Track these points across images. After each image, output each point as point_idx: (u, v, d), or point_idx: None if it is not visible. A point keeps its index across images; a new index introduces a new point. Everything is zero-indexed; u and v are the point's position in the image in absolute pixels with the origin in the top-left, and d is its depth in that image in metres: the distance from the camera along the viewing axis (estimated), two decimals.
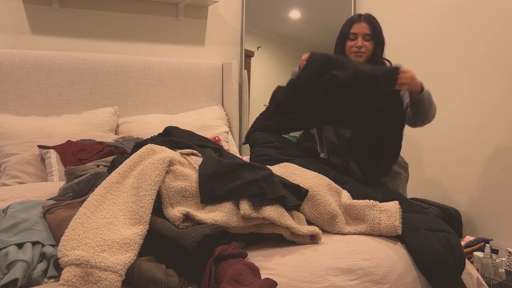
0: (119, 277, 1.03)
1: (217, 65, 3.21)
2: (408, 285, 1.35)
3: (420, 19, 3.06)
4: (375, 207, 1.52)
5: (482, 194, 2.67)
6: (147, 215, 1.18)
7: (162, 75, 2.99)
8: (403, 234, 1.46)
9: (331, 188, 1.61)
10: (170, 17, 3.13)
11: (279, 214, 1.32)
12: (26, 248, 1.16)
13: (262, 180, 1.38)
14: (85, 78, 2.75)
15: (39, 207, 1.43)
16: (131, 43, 3.01)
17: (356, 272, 1.29)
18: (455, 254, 1.39)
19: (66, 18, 2.82)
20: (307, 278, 1.21)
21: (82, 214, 1.17)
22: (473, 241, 2.43)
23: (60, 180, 2.10)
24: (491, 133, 2.62)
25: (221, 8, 3.29)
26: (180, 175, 1.33)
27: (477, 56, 2.69)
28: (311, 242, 1.40)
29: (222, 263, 1.16)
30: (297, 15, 3.47)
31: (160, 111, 3.00)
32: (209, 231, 1.17)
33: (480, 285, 1.48)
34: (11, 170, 2.14)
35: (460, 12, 2.79)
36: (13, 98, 2.57)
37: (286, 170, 1.68)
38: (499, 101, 2.57)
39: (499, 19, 2.57)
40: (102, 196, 1.25)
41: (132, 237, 1.12)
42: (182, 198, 1.30)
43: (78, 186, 1.63)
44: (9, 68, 2.54)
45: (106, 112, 2.72)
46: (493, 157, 2.61)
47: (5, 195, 1.73)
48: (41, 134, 2.44)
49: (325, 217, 1.50)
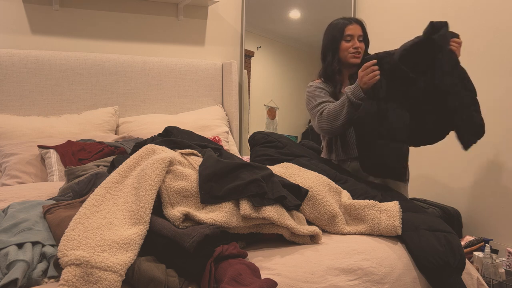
0: (119, 277, 1.03)
1: (217, 65, 3.21)
2: (408, 285, 1.35)
3: (420, 19, 3.06)
4: (375, 207, 1.52)
5: (482, 194, 2.67)
6: (147, 215, 1.18)
7: (162, 75, 2.99)
8: (403, 234, 1.46)
9: (331, 188, 1.61)
10: (170, 17, 3.13)
11: (279, 214, 1.32)
12: (26, 248, 1.16)
13: (262, 180, 1.38)
14: (85, 78, 2.75)
15: (39, 207, 1.43)
16: (131, 43, 3.02)
17: (356, 272, 1.29)
18: (455, 254, 1.39)
19: (66, 18, 2.82)
20: (307, 278, 1.21)
21: (82, 214, 1.17)
22: (473, 241, 2.43)
23: (60, 180, 2.10)
24: (491, 133, 2.62)
25: (221, 8, 3.29)
26: (180, 175, 1.33)
27: (477, 55, 2.69)
28: (311, 242, 1.40)
29: (222, 263, 1.16)
30: (297, 15, 3.47)
31: (160, 111, 3.00)
32: (209, 231, 1.17)
33: (480, 285, 1.48)
34: (11, 170, 2.14)
35: (461, 12, 2.79)
36: (13, 98, 2.57)
37: (286, 170, 1.68)
38: (499, 101, 2.57)
39: (499, 19, 2.57)
40: (102, 196, 1.25)
41: (132, 237, 1.12)
42: (182, 198, 1.30)
43: (78, 186, 1.63)
44: (9, 68, 2.54)
45: (106, 112, 2.72)
46: (493, 157, 2.61)
47: (5, 195, 1.73)
48: (41, 134, 2.44)
49: (325, 217, 1.50)
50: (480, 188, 2.68)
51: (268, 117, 3.42)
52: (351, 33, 2.07)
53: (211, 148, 1.62)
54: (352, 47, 2.07)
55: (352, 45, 2.07)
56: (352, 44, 2.07)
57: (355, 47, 2.06)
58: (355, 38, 2.07)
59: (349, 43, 2.07)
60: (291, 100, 3.50)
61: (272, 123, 3.44)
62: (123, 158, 1.58)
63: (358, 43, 2.07)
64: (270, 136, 2.05)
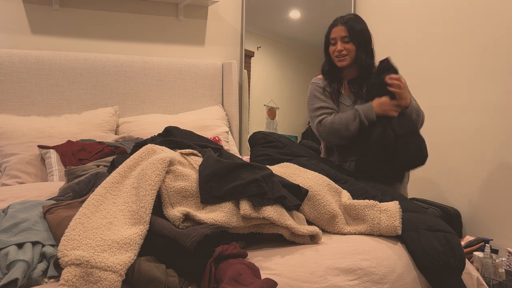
0: (119, 277, 1.03)
1: (217, 65, 3.21)
2: (408, 285, 1.35)
3: (420, 19, 3.06)
4: (375, 207, 1.52)
5: (482, 194, 2.67)
6: (147, 215, 1.18)
7: (162, 75, 2.99)
8: (403, 234, 1.46)
9: (331, 188, 1.61)
10: (170, 17, 3.13)
11: (279, 214, 1.32)
12: (26, 248, 1.16)
13: (262, 180, 1.38)
14: (85, 78, 2.75)
15: (39, 207, 1.43)
16: (131, 43, 3.01)
17: (356, 272, 1.29)
18: (455, 254, 1.39)
19: (66, 18, 2.82)
20: (307, 278, 1.21)
21: (82, 214, 1.17)
22: (473, 241, 2.43)
23: (60, 180, 2.10)
24: (491, 133, 2.62)
25: (221, 8, 3.29)
26: (180, 175, 1.33)
27: (477, 56, 2.69)
28: (311, 242, 1.40)
29: (222, 263, 1.16)
30: (297, 15, 3.47)
31: (160, 111, 3.00)
32: (209, 231, 1.17)
33: (480, 285, 1.48)
34: (11, 170, 2.14)
35: (461, 12, 2.79)
36: (13, 98, 2.57)
37: (286, 170, 1.68)
38: (499, 101, 2.57)
39: (501, 19, 2.57)
40: (102, 196, 1.25)
41: (132, 237, 1.12)
42: (182, 198, 1.30)
43: (78, 186, 1.63)
44: (9, 68, 2.54)
45: (106, 112, 2.72)
46: (493, 157, 2.61)
47: (5, 195, 1.73)
48: (41, 134, 2.44)
49: (325, 217, 1.50)
50: (480, 188, 2.68)
51: (268, 117, 3.42)
52: (334, 36, 2.08)
53: (211, 148, 1.62)
54: (336, 50, 2.07)
55: (335, 48, 2.07)
56: (336, 47, 2.07)
57: (338, 50, 2.06)
58: (338, 40, 2.06)
59: (334, 47, 2.08)
60: (291, 100, 3.50)
61: (272, 123, 3.44)
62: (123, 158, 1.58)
63: (341, 46, 2.05)
64: (270, 136, 2.05)
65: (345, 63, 2.07)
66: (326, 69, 2.16)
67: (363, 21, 2.11)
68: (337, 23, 2.08)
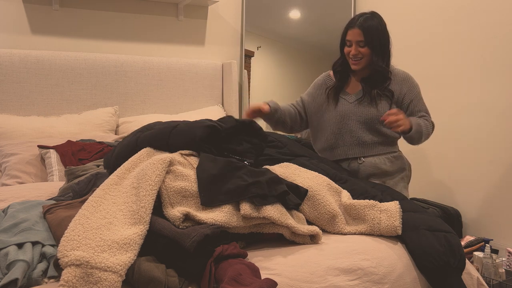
0: (119, 277, 1.03)
1: (217, 65, 3.21)
2: (408, 285, 1.35)
3: (421, 19, 3.06)
4: (375, 207, 1.51)
5: (482, 194, 2.67)
6: (148, 215, 1.18)
7: (162, 75, 2.99)
8: (403, 234, 1.46)
9: (331, 188, 1.60)
10: (170, 17, 3.13)
11: (279, 214, 1.32)
12: (26, 248, 1.16)
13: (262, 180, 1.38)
14: (85, 78, 2.75)
15: (39, 207, 1.43)
16: (131, 43, 3.01)
17: (356, 272, 1.29)
18: (455, 254, 1.39)
19: (66, 18, 2.81)
20: (307, 278, 1.21)
21: (81, 215, 1.17)
22: (473, 241, 2.43)
23: (60, 180, 2.10)
24: (491, 134, 2.62)
25: (221, 8, 3.29)
26: (180, 175, 1.33)
27: (480, 57, 2.68)
28: (311, 242, 1.40)
29: (222, 263, 1.16)
30: (297, 15, 3.47)
31: (160, 111, 3.00)
32: (209, 231, 1.16)
33: (480, 285, 1.48)
34: (11, 170, 2.14)
35: (464, 12, 2.79)
36: (13, 98, 2.57)
37: (286, 170, 1.68)
38: (499, 102, 2.57)
39: (499, 19, 2.57)
40: (101, 197, 1.25)
41: (132, 237, 1.12)
42: (182, 198, 1.30)
43: (78, 186, 1.64)
44: (9, 68, 2.54)
45: (106, 112, 2.72)
46: (493, 157, 2.61)
47: (5, 195, 1.73)
48: (41, 134, 2.44)
49: (325, 217, 1.50)
50: (480, 188, 2.68)
51: None
52: (349, 38, 2.01)
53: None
54: (350, 53, 2.01)
55: (350, 51, 2.01)
56: (350, 50, 2.01)
57: (353, 54, 2.00)
58: (353, 44, 1.99)
59: (349, 48, 2.02)
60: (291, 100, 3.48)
61: None
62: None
63: (356, 50, 1.99)
64: (270, 136, 2.05)
65: (359, 67, 2.02)
66: (338, 70, 2.11)
67: (381, 21, 2.03)
68: (354, 25, 1.99)
